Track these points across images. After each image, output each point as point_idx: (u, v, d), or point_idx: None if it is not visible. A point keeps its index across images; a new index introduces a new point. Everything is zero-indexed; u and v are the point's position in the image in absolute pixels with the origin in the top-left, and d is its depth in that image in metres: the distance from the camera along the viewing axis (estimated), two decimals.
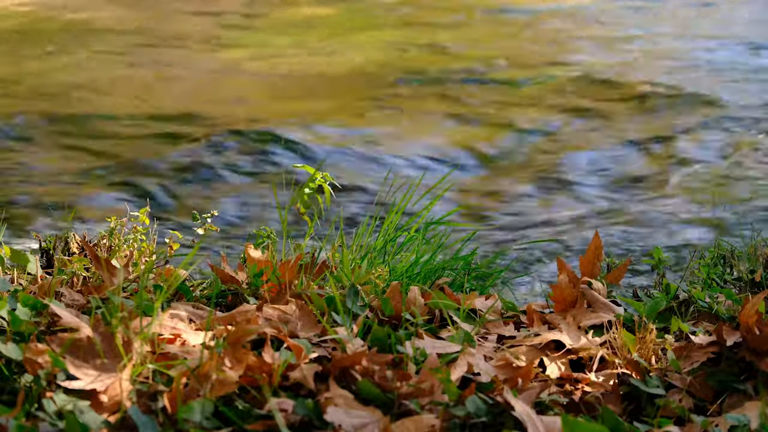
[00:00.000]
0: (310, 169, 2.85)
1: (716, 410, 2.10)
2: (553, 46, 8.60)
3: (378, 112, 6.65)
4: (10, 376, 1.91)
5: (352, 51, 8.12)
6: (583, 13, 9.96)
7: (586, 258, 2.64)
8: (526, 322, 2.49)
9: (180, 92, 7.11)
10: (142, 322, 1.96)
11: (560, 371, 2.21)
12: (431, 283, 2.80)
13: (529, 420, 1.86)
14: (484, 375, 2.06)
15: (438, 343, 2.19)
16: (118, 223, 2.71)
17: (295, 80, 7.47)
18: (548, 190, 5.38)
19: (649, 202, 5.09)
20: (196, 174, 5.49)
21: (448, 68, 7.70)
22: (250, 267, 2.51)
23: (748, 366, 2.18)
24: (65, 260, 2.57)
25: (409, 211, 3.47)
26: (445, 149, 5.94)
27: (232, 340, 1.94)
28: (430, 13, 9.81)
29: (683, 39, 8.75)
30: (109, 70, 7.59)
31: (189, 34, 8.74)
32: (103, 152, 5.80)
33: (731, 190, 5.25)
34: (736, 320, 2.42)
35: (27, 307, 2.14)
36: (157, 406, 1.84)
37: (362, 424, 1.80)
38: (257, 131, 6.04)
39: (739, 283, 2.91)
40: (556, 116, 6.53)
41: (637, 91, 6.97)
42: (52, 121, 6.25)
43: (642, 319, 2.37)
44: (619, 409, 2.09)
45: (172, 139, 6.00)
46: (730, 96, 6.81)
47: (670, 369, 2.18)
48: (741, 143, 5.93)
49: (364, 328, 2.27)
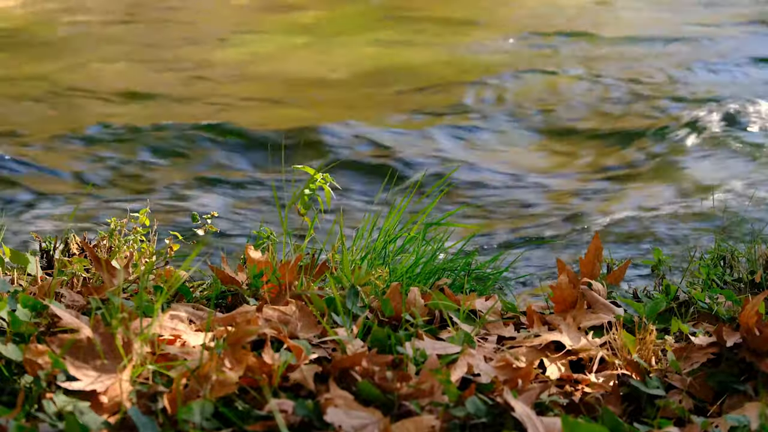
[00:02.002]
0: (309, 170, 2.85)
1: (716, 411, 2.10)
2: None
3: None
4: (10, 377, 1.91)
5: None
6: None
7: (586, 259, 2.64)
8: (526, 323, 2.49)
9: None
10: (142, 323, 1.96)
11: (560, 372, 2.21)
12: (431, 284, 2.80)
13: (529, 421, 1.86)
14: (484, 376, 2.06)
15: (438, 343, 2.19)
16: (118, 225, 2.71)
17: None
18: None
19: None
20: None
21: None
22: (250, 268, 2.51)
23: (748, 367, 2.18)
24: (65, 261, 2.57)
25: (410, 210, 3.47)
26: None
27: (232, 341, 1.94)
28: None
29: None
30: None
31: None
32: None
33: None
34: (736, 321, 2.42)
35: (27, 308, 2.14)
36: (157, 406, 1.84)
37: (362, 424, 1.80)
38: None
39: (739, 284, 2.91)
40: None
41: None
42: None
43: (642, 320, 2.37)
44: (619, 410, 2.09)
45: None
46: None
47: (670, 370, 2.18)
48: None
49: (364, 329, 2.27)
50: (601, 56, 8.22)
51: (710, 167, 5.77)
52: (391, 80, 7.53)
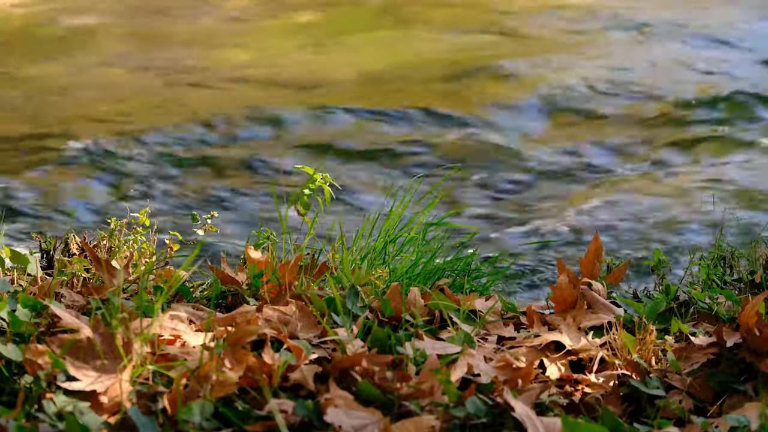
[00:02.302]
0: (309, 170, 2.85)
1: (716, 411, 2.10)
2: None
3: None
4: (10, 377, 1.91)
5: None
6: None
7: (586, 259, 2.64)
8: (526, 323, 2.49)
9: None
10: (142, 323, 1.95)
11: (560, 372, 2.21)
12: (431, 284, 2.80)
13: (529, 421, 1.86)
14: (484, 376, 2.06)
15: (438, 344, 2.19)
16: (118, 225, 2.71)
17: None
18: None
19: None
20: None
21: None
22: (250, 268, 2.51)
23: (748, 367, 2.18)
24: (65, 261, 2.57)
25: (411, 210, 3.47)
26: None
27: (232, 341, 1.94)
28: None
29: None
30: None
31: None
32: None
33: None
34: (736, 321, 2.42)
35: (27, 308, 2.14)
36: (157, 407, 1.84)
37: (362, 425, 1.80)
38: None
39: (739, 284, 2.91)
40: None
41: None
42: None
43: (642, 320, 2.37)
44: (619, 410, 2.09)
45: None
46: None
47: (670, 370, 2.18)
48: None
49: (364, 329, 2.27)
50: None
51: (711, 166, 5.77)
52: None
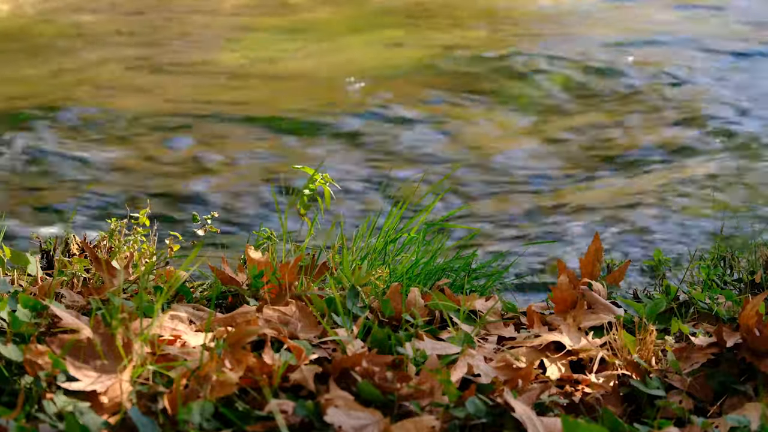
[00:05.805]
0: (309, 170, 2.85)
1: (716, 411, 2.10)
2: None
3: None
4: (10, 377, 1.91)
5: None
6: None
7: (586, 259, 2.64)
8: (527, 324, 2.49)
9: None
10: (143, 323, 1.96)
11: (560, 372, 2.21)
12: (431, 285, 2.80)
13: (529, 421, 1.86)
14: (485, 376, 2.06)
15: (438, 344, 2.19)
16: (118, 225, 2.71)
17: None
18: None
19: None
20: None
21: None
22: (250, 268, 2.51)
23: (748, 367, 2.18)
24: (65, 261, 2.57)
25: (411, 210, 3.47)
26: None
27: (232, 342, 1.94)
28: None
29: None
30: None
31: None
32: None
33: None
34: (736, 321, 2.42)
35: (27, 308, 2.14)
36: (157, 407, 1.84)
37: (362, 425, 1.80)
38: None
39: (739, 285, 2.91)
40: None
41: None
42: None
43: (642, 321, 2.37)
44: (620, 411, 2.09)
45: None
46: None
47: (670, 370, 2.18)
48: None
49: (364, 330, 2.27)
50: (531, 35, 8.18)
51: (711, 164, 5.77)
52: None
